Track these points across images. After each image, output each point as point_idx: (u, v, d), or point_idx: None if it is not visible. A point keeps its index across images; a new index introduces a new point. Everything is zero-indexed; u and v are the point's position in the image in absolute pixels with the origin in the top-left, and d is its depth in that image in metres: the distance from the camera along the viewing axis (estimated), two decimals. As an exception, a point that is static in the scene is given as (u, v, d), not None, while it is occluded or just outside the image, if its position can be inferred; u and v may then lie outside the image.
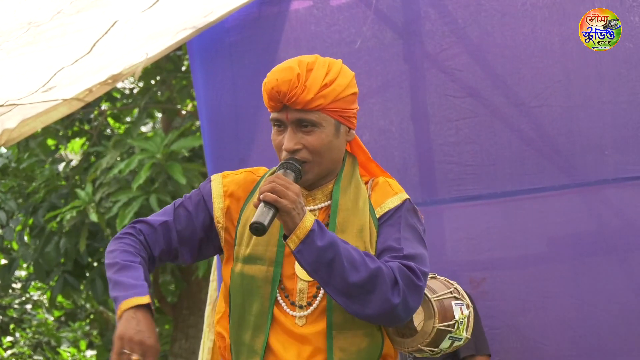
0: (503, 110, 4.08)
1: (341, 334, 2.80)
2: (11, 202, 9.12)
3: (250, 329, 2.85)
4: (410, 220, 2.86)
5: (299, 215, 2.67)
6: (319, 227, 2.68)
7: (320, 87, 2.83)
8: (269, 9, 4.48)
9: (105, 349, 11.83)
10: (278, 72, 2.83)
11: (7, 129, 3.24)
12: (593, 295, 3.84)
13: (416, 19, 4.25)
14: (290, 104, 2.81)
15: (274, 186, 2.65)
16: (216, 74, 4.61)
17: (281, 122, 2.84)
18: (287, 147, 2.81)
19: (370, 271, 2.68)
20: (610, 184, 3.93)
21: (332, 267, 2.67)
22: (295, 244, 2.67)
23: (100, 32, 3.89)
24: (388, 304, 2.70)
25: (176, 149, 7.40)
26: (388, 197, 2.89)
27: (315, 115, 2.83)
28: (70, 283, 9.25)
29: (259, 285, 2.85)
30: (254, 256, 2.87)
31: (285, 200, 2.64)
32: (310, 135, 2.83)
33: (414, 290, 2.73)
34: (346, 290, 2.69)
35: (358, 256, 2.70)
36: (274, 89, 2.80)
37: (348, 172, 2.94)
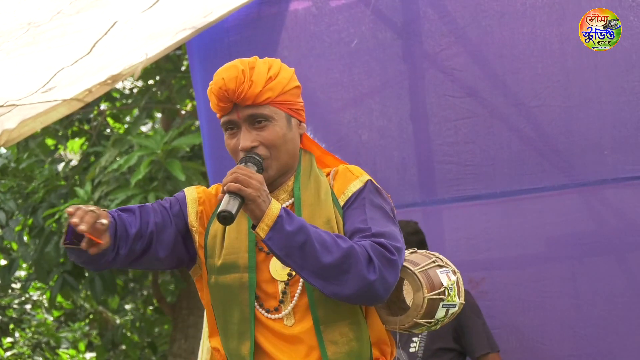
0: (502, 110, 4.08)
1: (328, 328, 2.80)
2: (11, 202, 9.11)
3: (235, 337, 2.86)
4: (375, 200, 2.86)
5: (265, 203, 2.66)
6: (286, 213, 2.67)
7: (265, 81, 2.84)
8: (269, 9, 4.49)
9: (104, 349, 11.83)
10: (223, 72, 2.84)
11: (7, 129, 3.24)
12: (592, 294, 3.85)
13: (415, 19, 4.26)
14: (239, 101, 2.82)
15: (236, 176, 2.65)
16: (216, 74, 4.62)
17: (233, 123, 2.85)
18: (243, 145, 2.82)
19: (343, 251, 2.67)
20: (610, 184, 3.93)
21: (304, 250, 2.66)
22: (264, 231, 2.66)
23: (100, 33, 3.89)
24: (365, 282, 2.68)
25: (177, 145, 7.39)
26: (350, 182, 2.88)
27: (266, 109, 2.85)
28: (69, 283, 9.25)
29: (236, 293, 2.85)
30: (227, 265, 2.87)
31: (249, 189, 2.64)
32: (264, 130, 2.84)
33: (389, 265, 2.71)
34: (321, 273, 2.68)
35: (329, 238, 2.69)
36: (222, 88, 2.81)
37: (306, 167, 2.95)
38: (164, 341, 12.10)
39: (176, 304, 10.11)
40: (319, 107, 4.45)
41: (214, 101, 2.86)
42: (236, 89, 2.82)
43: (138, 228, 2.86)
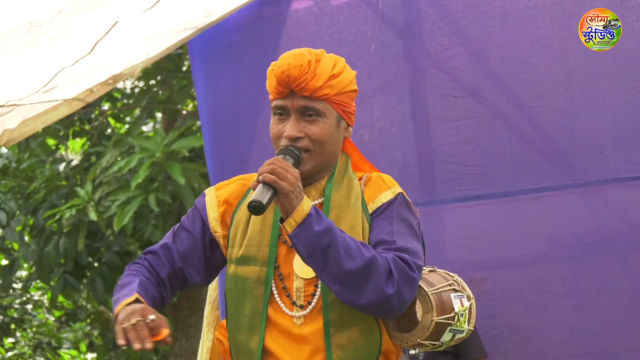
0: (503, 110, 4.08)
1: (339, 332, 2.79)
2: (12, 202, 9.11)
3: (245, 330, 2.85)
4: (404, 214, 2.85)
5: (297, 199, 2.66)
6: (316, 212, 2.67)
7: (328, 77, 2.84)
8: (270, 9, 4.49)
9: (105, 349, 11.82)
10: (290, 57, 2.83)
11: (8, 129, 3.25)
12: (594, 294, 3.84)
13: (416, 19, 4.26)
14: (298, 90, 2.81)
15: (273, 168, 2.64)
16: (216, 74, 4.61)
17: (284, 109, 2.84)
18: (289, 134, 2.80)
19: (366, 260, 2.67)
20: (611, 184, 3.93)
21: (327, 253, 2.66)
22: (292, 227, 2.66)
23: (101, 33, 3.89)
24: (382, 294, 2.68)
25: (176, 149, 7.39)
26: (381, 191, 2.88)
27: (321, 104, 2.84)
28: (70, 283, 9.25)
29: (252, 286, 2.84)
30: (247, 257, 2.86)
31: (284, 182, 2.63)
32: (313, 124, 2.83)
33: (408, 281, 2.71)
34: (341, 278, 2.68)
35: (354, 244, 2.69)
36: (285, 72, 2.80)
37: (341, 169, 2.93)
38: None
39: (177, 304, 10.10)
40: (320, 107, 4.45)
41: (273, 83, 2.84)
42: (298, 77, 2.81)
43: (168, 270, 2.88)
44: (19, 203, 9.12)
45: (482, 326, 4.20)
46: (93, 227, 8.75)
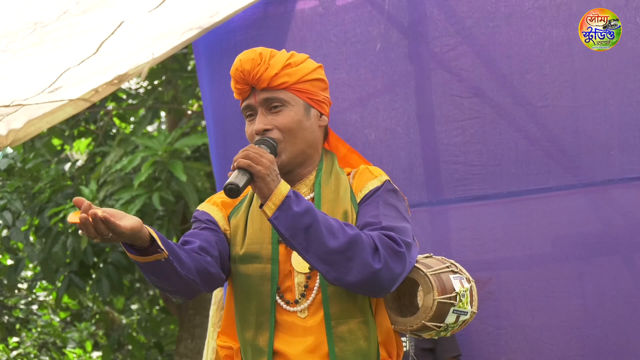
0: (509, 110, 4.08)
1: (339, 324, 2.80)
2: (17, 202, 9.12)
3: (253, 328, 2.85)
4: (390, 200, 2.86)
5: (274, 182, 2.66)
6: (294, 194, 2.67)
7: (283, 66, 2.87)
8: (275, 9, 4.49)
9: (110, 348, 11.84)
10: (242, 54, 2.89)
11: (13, 129, 3.25)
12: (599, 294, 3.84)
13: (422, 19, 4.25)
14: (255, 83, 2.85)
15: (247, 153, 2.66)
16: (222, 74, 4.61)
17: (251, 108, 2.88)
18: (257, 128, 2.83)
19: (349, 237, 2.67)
20: (616, 184, 3.93)
21: (309, 232, 2.66)
22: (271, 210, 2.66)
23: (106, 33, 3.89)
24: (369, 269, 2.67)
25: (179, 147, 7.40)
26: (368, 180, 2.89)
27: (283, 93, 2.86)
28: (75, 283, 9.26)
29: (257, 283, 2.85)
30: (250, 255, 2.87)
31: (259, 166, 2.64)
32: (279, 115, 2.85)
33: (395, 256, 2.70)
34: (325, 257, 2.67)
35: (336, 223, 2.69)
36: (238, 69, 2.85)
37: (327, 166, 2.95)
38: (169, 341, 12.11)
39: (182, 304, 10.11)
40: (325, 107, 4.46)
41: (233, 84, 2.89)
42: (252, 70, 2.85)
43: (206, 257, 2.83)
44: (24, 203, 9.14)
45: (487, 326, 4.20)
46: (98, 227, 8.75)
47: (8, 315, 12.43)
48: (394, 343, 2.90)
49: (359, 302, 2.80)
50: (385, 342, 2.87)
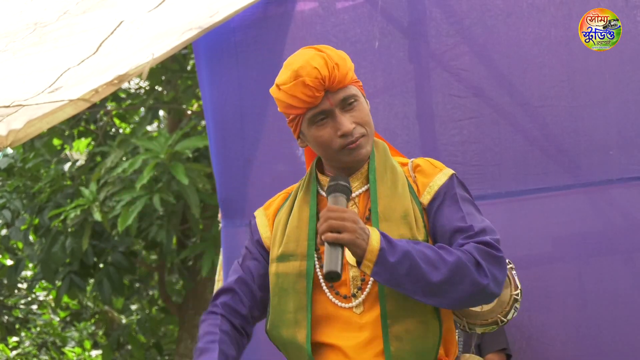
0: (508, 110, 4.08)
1: (395, 323, 2.78)
2: (17, 201, 9.13)
3: (291, 325, 2.85)
4: (465, 194, 2.87)
5: (364, 241, 2.63)
6: (387, 243, 2.65)
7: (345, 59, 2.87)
8: (275, 10, 4.49)
9: (111, 348, 11.84)
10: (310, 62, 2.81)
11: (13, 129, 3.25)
12: (598, 295, 3.84)
13: (421, 19, 4.26)
14: (332, 86, 2.81)
15: (330, 224, 2.62)
16: (222, 74, 4.62)
17: (325, 112, 2.83)
18: (346, 129, 2.80)
19: (450, 264, 2.66)
20: (615, 184, 3.93)
21: (411, 275, 2.64)
22: (369, 268, 2.65)
23: (106, 33, 3.89)
24: (478, 287, 2.68)
25: (180, 150, 7.41)
26: (434, 175, 2.88)
27: (352, 89, 2.86)
28: (76, 283, 9.26)
29: (294, 281, 2.85)
30: (286, 254, 2.88)
31: (345, 233, 2.62)
32: (355, 110, 2.85)
33: (496, 262, 2.72)
34: (434, 291, 2.67)
35: (433, 254, 2.68)
36: (317, 77, 2.79)
37: (380, 156, 2.92)
38: (169, 340, 12.11)
39: (183, 304, 10.12)
40: (325, 107, 4.46)
41: (307, 93, 2.81)
42: (330, 74, 2.81)
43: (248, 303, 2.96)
44: (24, 202, 9.14)
45: (487, 326, 4.21)
46: (98, 227, 8.77)
47: (8, 315, 12.43)
48: (454, 341, 2.90)
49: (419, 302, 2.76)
50: (445, 341, 2.87)
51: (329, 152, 2.84)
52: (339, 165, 2.89)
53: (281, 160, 4.52)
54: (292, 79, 2.81)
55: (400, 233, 2.77)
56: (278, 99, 2.88)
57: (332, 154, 2.85)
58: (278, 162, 4.52)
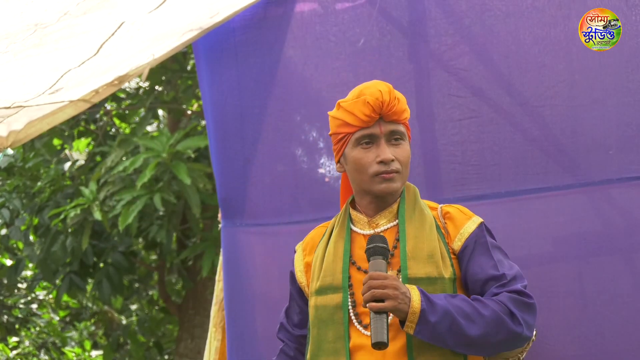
0: (507, 109, 4.08)
1: (421, 355, 2.93)
2: (16, 201, 9.14)
3: (331, 355, 3.01)
4: (493, 242, 3.10)
5: (406, 305, 2.82)
6: (427, 303, 2.84)
7: (405, 102, 3.14)
8: (275, 10, 4.50)
9: (111, 349, 11.84)
10: (375, 85, 3.08)
11: (14, 130, 3.26)
12: (598, 295, 3.85)
13: (421, 19, 4.26)
14: (387, 114, 3.05)
15: (373, 293, 2.81)
16: (222, 74, 4.62)
17: (372, 137, 3.06)
18: (386, 157, 3.03)
19: (486, 319, 2.87)
20: (615, 184, 3.93)
21: (451, 332, 2.84)
22: (412, 329, 2.84)
23: (106, 34, 3.90)
24: (513, 335, 2.92)
25: (181, 149, 7.41)
26: (464, 223, 3.10)
27: (403, 128, 3.12)
28: (76, 283, 9.26)
29: (332, 312, 3.02)
30: (324, 287, 3.06)
31: (389, 301, 2.80)
32: (399, 147, 3.09)
33: (528, 309, 2.97)
34: (472, 344, 2.87)
35: (470, 308, 2.88)
36: (379, 99, 3.03)
37: (410, 197, 3.13)
38: (168, 339, 12.12)
39: (182, 304, 10.13)
40: (325, 107, 4.45)
41: (365, 112, 3.03)
42: (390, 102, 3.05)
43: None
44: (23, 202, 9.15)
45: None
46: (98, 227, 8.77)
47: (8, 315, 12.43)
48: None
49: None
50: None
51: (363, 176, 3.04)
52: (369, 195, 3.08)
53: (281, 160, 4.52)
54: (355, 97, 3.06)
55: (426, 271, 2.96)
56: (335, 118, 3.12)
57: (366, 179, 3.04)
58: (278, 162, 4.53)
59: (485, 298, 2.96)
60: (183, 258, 9.40)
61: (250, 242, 4.57)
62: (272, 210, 4.51)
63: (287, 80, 4.52)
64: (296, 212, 4.43)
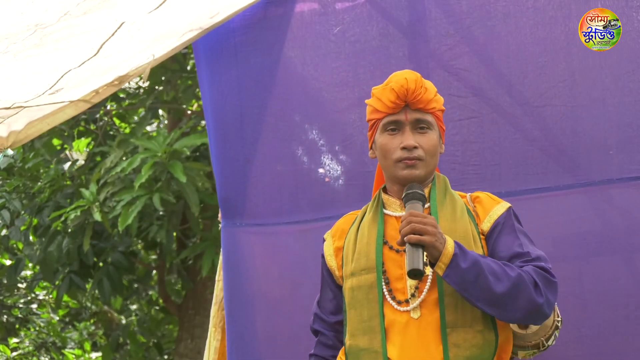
0: (507, 109, 4.08)
1: (454, 332, 3.02)
2: (16, 201, 9.13)
3: (367, 333, 3.09)
4: (520, 227, 3.19)
5: (442, 244, 2.92)
6: (460, 250, 2.94)
7: (435, 92, 3.21)
8: (275, 10, 4.49)
9: (110, 349, 11.84)
10: (405, 73, 3.20)
11: (14, 130, 3.26)
12: (598, 295, 3.85)
13: (421, 19, 4.26)
14: (413, 102, 3.15)
15: (413, 226, 2.91)
16: (221, 74, 4.61)
17: (397, 123, 3.16)
18: (408, 143, 3.12)
19: (513, 279, 2.94)
20: (615, 184, 3.93)
21: (478, 282, 2.92)
22: (442, 269, 2.93)
23: (107, 34, 3.90)
24: (534, 305, 2.97)
25: (178, 148, 7.41)
26: (493, 206, 3.20)
27: (430, 117, 3.19)
28: (76, 283, 9.26)
29: (366, 291, 3.11)
30: (358, 269, 3.15)
31: (427, 236, 2.90)
32: (424, 136, 3.17)
33: (551, 286, 3.03)
34: (495, 301, 2.94)
35: (498, 268, 2.97)
36: (404, 86, 3.13)
37: (441, 186, 3.23)
38: (168, 340, 12.11)
39: (182, 304, 10.12)
40: (325, 107, 4.46)
41: (390, 98, 3.15)
42: (415, 90, 3.14)
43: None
44: (23, 202, 9.14)
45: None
46: (98, 227, 8.77)
47: (7, 315, 12.43)
48: (509, 353, 3.15)
49: (476, 312, 3.04)
50: (501, 350, 3.10)
51: (388, 162, 3.15)
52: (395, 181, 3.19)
53: (281, 160, 4.52)
54: (384, 85, 3.17)
55: None
56: (368, 104, 3.25)
57: (390, 165, 3.15)
58: (278, 162, 4.53)
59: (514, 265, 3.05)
60: (183, 258, 9.39)
61: (250, 242, 4.57)
62: (272, 210, 4.51)
63: (287, 80, 4.52)
64: (296, 212, 4.43)
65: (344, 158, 4.43)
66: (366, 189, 4.28)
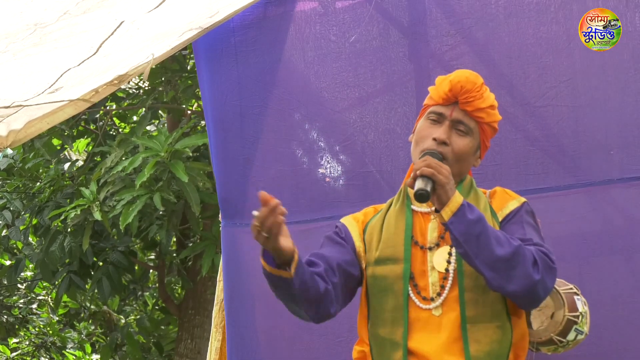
0: (508, 109, 4.08)
1: (474, 327, 3.04)
2: (16, 201, 9.11)
3: (389, 324, 3.11)
4: (530, 221, 3.19)
5: (452, 190, 2.95)
6: (468, 204, 2.97)
7: (490, 105, 3.21)
8: (275, 10, 4.49)
9: (109, 349, 11.83)
10: (468, 73, 3.23)
11: (14, 130, 3.26)
12: (598, 295, 3.84)
13: (422, 19, 4.26)
14: (463, 102, 3.16)
15: (429, 163, 2.95)
16: (221, 74, 4.61)
17: (441, 115, 3.18)
18: (440, 136, 3.13)
19: (514, 247, 2.94)
20: (616, 184, 3.93)
21: (480, 239, 2.92)
22: (448, 215, 2.94)
23: (106, 33, 3.90)
24: (530, 280, 2.95)
25: (180, 148, 7.39)
26: (508, 201, 3.22)
27: (473, 124, 3.19)
28: (75, 283, 9.24)
29: (392, 282, 3.12)
30: (384, 257, 3.15)
31: (440, 175, 2.93)
32: (460, 138, 3.17)
33: (550, 270, 3.01)
34: (493, 264, 2.93)
35: (502, 234, 2.98)
36: (460, 82, 3.16)
37: (466, 184, 3.24)
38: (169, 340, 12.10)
39: (182, 304, 10.10)
40: (325, 107, 4.46)
41: (444, 88, 3.18)
42: (469, 91, 3.16)
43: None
44: (23, 202, 9.13)
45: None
46: (98, 226, 8.76)
47: (7, 315, 12.42)
48: (525, 348, 3.16)
49: (495, 308, 3.07)
50: (517, 346, 3.12)
51: (417, 148, 3.16)
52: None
53: (281, 160, 4.52)
54: (447, 76, 3.21)
55: None
56: (430, 90, 3.27)
57: (417, 153, 3.16)
58: (278, 162, 4.52)
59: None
60: (182, 258, 9.39)
61: (251, 242, 4.53)
62: (272, 210, 4.49)
63: (287, 80, 4.51)
64: (296, 212, 4.41)
65: (344, 158, 4.42)
66: (366, 189, 4.28)
